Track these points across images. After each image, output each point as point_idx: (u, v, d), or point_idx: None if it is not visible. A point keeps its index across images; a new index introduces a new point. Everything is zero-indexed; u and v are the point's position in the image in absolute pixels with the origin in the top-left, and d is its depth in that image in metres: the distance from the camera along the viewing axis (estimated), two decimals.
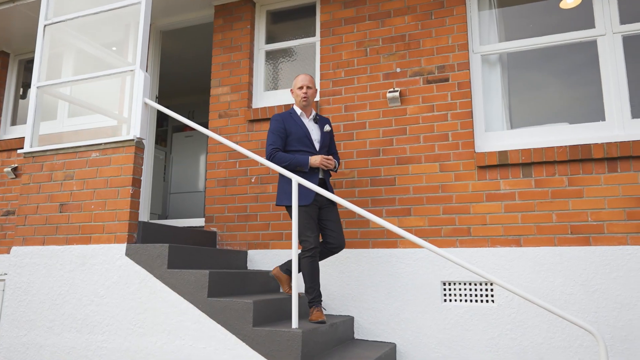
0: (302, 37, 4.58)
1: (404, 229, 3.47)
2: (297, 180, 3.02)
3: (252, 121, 4.45)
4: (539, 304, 2.46)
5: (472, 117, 3.78)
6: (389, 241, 3.80)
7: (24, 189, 3.79)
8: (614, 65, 3.57)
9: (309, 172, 3.40)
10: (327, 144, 3.60)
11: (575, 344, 3.23)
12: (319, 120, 3.61)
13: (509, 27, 3.99)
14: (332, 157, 3.48)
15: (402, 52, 4.05)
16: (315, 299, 3.28)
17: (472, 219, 3.62)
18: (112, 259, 3.36)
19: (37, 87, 3.91)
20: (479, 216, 3.61)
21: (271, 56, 4.71)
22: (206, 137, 6.70)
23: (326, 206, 3.47)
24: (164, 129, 7.79)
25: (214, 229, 4.37)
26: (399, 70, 4.04)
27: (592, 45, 3.68)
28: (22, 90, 5.85)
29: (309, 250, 3.26)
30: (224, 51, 4.69)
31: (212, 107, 4.64)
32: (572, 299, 3.29)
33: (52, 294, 3.50)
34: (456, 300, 3.57)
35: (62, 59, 5.12)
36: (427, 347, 3.54)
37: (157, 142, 6.03)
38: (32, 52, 5.65)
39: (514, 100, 3.94)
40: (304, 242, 3.29)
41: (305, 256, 3.27)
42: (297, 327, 2.86)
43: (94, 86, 4.64)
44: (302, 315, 3.55)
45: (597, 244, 3.30)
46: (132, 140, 3.50)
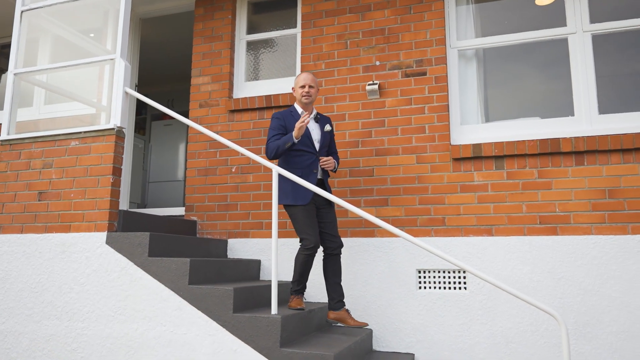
0: (283, 29, 4.62)
1: (381, 219, 3.58)
2: (277, 170, 3.08)
3: (232, 111, 4.48)
4: (508, 291, 2.59)
5: (449, 111, 3.89)
6: (367, 230, 3.90)
7: (2, 177, 3.76)
8: (584, 62, 3.71)
9: (307, 173, 3.39)
10: (328, 144, 3.59)
11: (541, 328, 3.39)
12: (320, 119, 3.59)
13: (486, 23, 4.10)
14: (331, 157, 3.52)
15: (382, 46, 4.13)
16: (298, 290, 3.34)
17: (446, 209, 3.75)
18: (92, 247, 3.38)
19: (15, 74, 3.87)
20: (453, 206, 3.73)
21: (252, 47, 4.73)
22: (185, 125, 6.69)
23: (323, 207, 3.47)
24: (142, 117, 7.72)
25: (194, 218, 4.40)
26: (378, 63, 4.12)
27: (564, 42, 3.82)
28: None
29: (309, 248, 3.27)
30: (204, 40, 4.70)
31: (192, 97, 4.65)
32: (539, 286, 3.45)
33: (31, 281, 3.50)
34: (430, 287, 3.70)
35: (38, 45, 5.04)
36: (402, 332, 3.68)
37: (135, 131, 5.98)
38: (8, 36, 5.54)
39: (489, 94, 4.07)
40: (304, 240, 3.29)
41: (303, 253, 3.30)
42: (276, 313, 2.95)
43: (71, 73, 4.59)
44: (282, 302, 3.64)
45: (564, 233, 3.47)
46: (113, 129, 3.50)
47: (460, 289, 3.64)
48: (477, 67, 4.09)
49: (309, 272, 3.36)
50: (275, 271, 2.99)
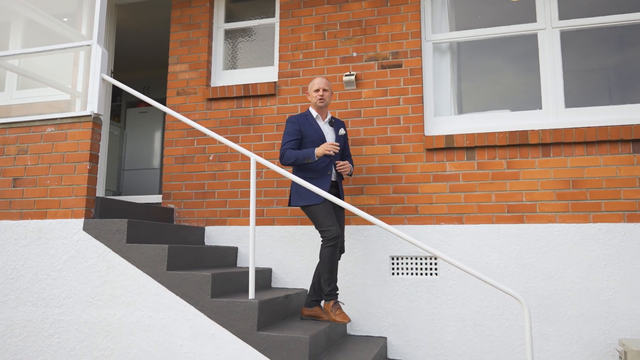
0: (262, 18, 4.63)
1: (356, 207, 3.67)
2: (255, 159, 3.13)
3: (210, 100, 4.50)
4: (477, 276, 2.72)
5: (423, 102, 4.00)
6: None
7: None
8: (552, 57, 3.86)
9: (321, 175, 3.43)
10: (342, 148, 3.63)
11: (507, 312, 3.56)
12: (335, 123, 3.65)
13: (460, 17, 4.21)
14: (347, 160, 3.55)
15: (359, 37, 4.20)
16: (332, 292, 3.27)
17: (419, 198, 3.87)
18: (69, 233, 3.38)
19: None
20: (426, 195, 3.86)
21: (230, 35, 4.74)
22: (161, 113, 6.65)
23: (334, 207, 3.48)
24: (117, 104, 7.63)
25: (172, 206, 4.42)
26: (355, 54, 4.19)
27: (534, 38, 3.96)
28: None
29: (331, 239, 3.25)
30: (182, 28, 4.68)
31: (170, 85, 4.64)
32: (506, 272, 3.61)
33: (6, 268, 3.49)
34: (403, 273, 3.83)
35: (10, 28, 4.93)
36: (375, 317, 3.80)
37: (111, 118, 5.93)
38: None
39: (462, 87, 4.19)
40: (325, 232, 3.26)
41: (327, 246, 3.26)
42: (253, 297, 3.02)
43: (45, 58, 4.52)
44: (258, 288, 3.71)
45: (530, 222, 3.63)
46: (90, 115, 3.49)
47: (431, 275, 3.78)
48: (451, 60, 4.20)
49: (337, 267, 3.29)
50: (252, 257, 3.06)
